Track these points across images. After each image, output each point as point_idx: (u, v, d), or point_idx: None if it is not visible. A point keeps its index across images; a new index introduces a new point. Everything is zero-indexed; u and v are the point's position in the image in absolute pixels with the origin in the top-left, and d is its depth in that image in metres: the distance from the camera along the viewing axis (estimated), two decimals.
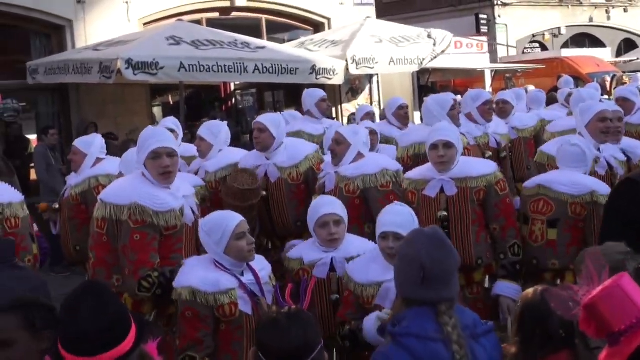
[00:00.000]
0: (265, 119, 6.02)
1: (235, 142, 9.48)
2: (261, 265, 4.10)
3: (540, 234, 5.04)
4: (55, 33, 12.84)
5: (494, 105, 7.55)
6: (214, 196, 5.98)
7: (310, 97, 8.11)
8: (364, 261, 4.23)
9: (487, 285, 5.04)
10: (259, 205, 5.84)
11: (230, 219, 3.96)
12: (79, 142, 6.31)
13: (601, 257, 2.57)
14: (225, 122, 6.79)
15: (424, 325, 2.76)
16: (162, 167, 4.40)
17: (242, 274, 3.96)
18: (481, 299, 4.98)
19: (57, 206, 6.39)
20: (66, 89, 12.59)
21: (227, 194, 5.70)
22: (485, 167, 5.11)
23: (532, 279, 4.99)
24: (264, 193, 5.88)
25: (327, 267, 4.43)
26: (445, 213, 4.96)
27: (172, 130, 5.95)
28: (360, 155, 5.45)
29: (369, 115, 9.00)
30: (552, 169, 5.52)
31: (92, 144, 6.25)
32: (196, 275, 3.88)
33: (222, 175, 6.10)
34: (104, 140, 6.45)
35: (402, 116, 8.13)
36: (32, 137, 13.14)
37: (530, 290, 3.03)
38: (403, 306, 2.87)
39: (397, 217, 4.09)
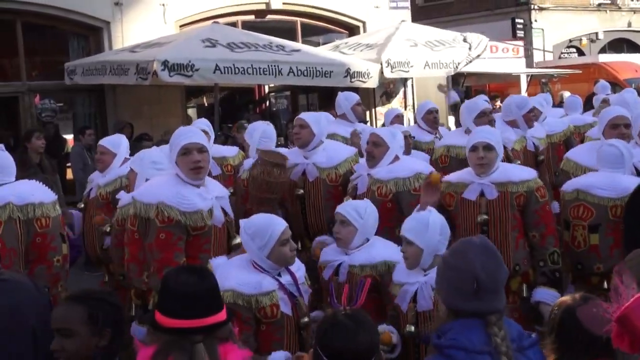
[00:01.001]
0: (307, 115, 6.04)
1: None
2: (296, 265, 4.11)
3: (583, 239, 5.01)
4: (93, 34, 12.98)
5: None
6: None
7: (347, 100, 8.08)
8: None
9: (525, 294, 4.96)
10: (295, 204, 5.87)
11: (276, 225, 3.96)
12: (107, 142, 6.33)
13: (628, 270, 2.53)
14: (267, 122, 6.86)
15: (471, 337, 2.71)
16: (192, 162, 4.42)
17: (280, 275, 3.99)
18: (518, 308, 4.90)
19: (82, 205, 6.42)
20: (103, 90, 12.72)
21: (252, 185, 5.71)
22: (525, 173, 5.06)
23: (580, 282, 5.01)
24: (300, 191, 5.89)
25: (332, 270, 4.53)
26: (486, 216, 4.91)
27: (204, 132, 5.99)
28: (395, 158, 5.44)
29: (398, 118, 8.97)
30: (574, 177, 5.52)
31: (120, 143, 6.29)
32: (237, 277, 3.90)
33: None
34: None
35: (431, 120, 8.08)
36: (69, 137, 13.31)
37: (569, 297, 2.99)
38: (449, 317, 2.82)
39: (412, 222, 4.10)
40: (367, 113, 14.62)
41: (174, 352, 2.65)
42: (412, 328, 3.99)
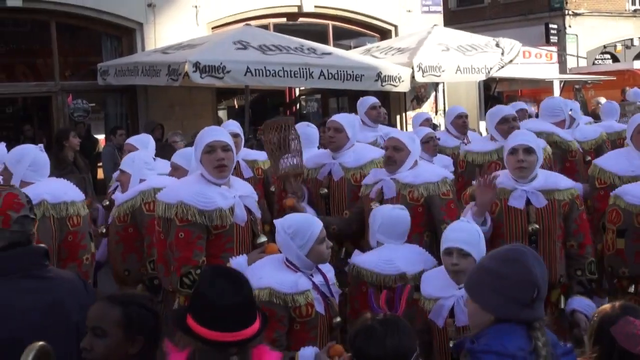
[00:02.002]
0: (342, 118, 5.99)
1: None
2: (327, 267, 4.15)
3: (611, 242, 4.98)
4: (125, 35, 13.08)
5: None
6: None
7: (361, 105, 8.10)
8: (433, 274, 4.21)
9: (562, 305, 4.85)
10: (319, 204, 5.87)
11: (315, 224, 4.00)
12: (136, 141, 6.39)
13: None
14: (307, 123, 6.99)
15: (504, 342, 2.67)
16: (216, 159, 4.42)
17: (313, 276, 4.01)
18: (556, 319, 4.77)
19: (106, 202, 6.46)
20: (134, 91, 12.81)
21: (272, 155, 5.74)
22: (566, 181, 4.96)
23: (611, 286, 5.03)
24: (325, 191, 5.89)
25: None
26: (537, 226, 4.78)
27: (235, 135, 6.00)
28: (415, 163, 5.38)
29: (427, 122, 8.93)
30: (600, 182, 5.56)
31: (148, 142, 6.35)
32: (273, 276, 3.91)
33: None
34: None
35: (460, 125, 8.01)
36: (100, 137, 13.42)
37: (608, 305, 2.94)
38: (492, 324, 2.76)
39: (462, 233, 4.00)
40: (398, 117, 14.60)
41: None
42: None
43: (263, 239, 4.63)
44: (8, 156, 5.01)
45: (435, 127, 11.00)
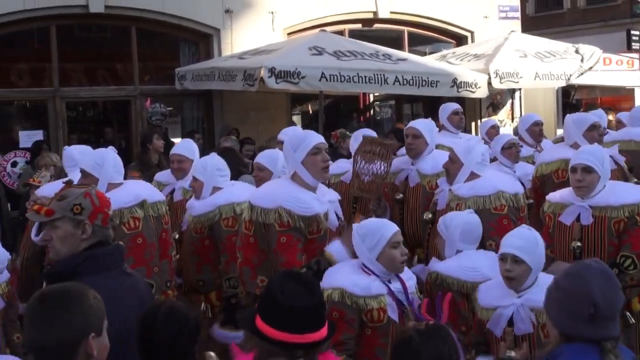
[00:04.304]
0: (421, 125, 5.97)
1: None
2: (408, 274, 4.11)
3: None
4: (203, 41, 13.27)
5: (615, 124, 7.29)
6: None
7: (443, 110, 8.06)
8: (492, 283, 4.15)
9: (631, 321, 4.75)
10: (394, 208, 5.85)
11: (388, 227, 3.98)
12: (182, 150, 6.37)
13: None
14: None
15: None
16: (323, 161, 4.51)
17: (390, 282, 3.96)
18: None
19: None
20: (210, 95, 12.98)
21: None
22: (630, 195, 4.78)
23: None
24: (400, 196, 5.87)
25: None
26: (580, 244, 4.70)
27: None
28: (474, 175, 5.25)
29: (494, 129, 8.81)
30: None
31: (195, 150, 6.38)
32: (347, 277, 3.90)
33: None
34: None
35: (536, 133, 7.86)
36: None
37: None
38: (560, 341, 2.73)
39: (519, 240, 3.95)
40: (473, 124, 14.42)
41: None
42: (513, 353, 3.82)
43: None
44: (86, 162, 5.07)
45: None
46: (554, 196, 5.01)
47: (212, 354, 3.25)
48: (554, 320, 2.78)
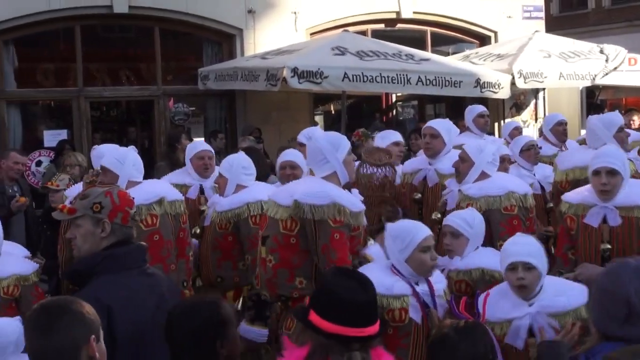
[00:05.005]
0: (438, 124, 5.97)
1: None
2: (438, 277, 4.09)
3: None
4: (226, 41, 13.31)
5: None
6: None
7: (469, 112, 8.04)
8: (493, 297, 4.05)
9: None
10: (412, 208, 5.84)
11: (419, 230, 3.97)
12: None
13: None
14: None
15: None
16: (355, 161, 4.68)
17: (417, 284, 3.96)
18: None
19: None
20: (233, 95, 13.02)
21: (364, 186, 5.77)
22: None
23: None
24: (418, 196, 5.87)
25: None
26: (609, 246, 4.61)
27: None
28: (484, 175, 5.24)
29: (517, 131, 8.77)
30: None
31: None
32: (373, 275, 3.88)
33: None
34: None
35: (560, 132, 7.81)
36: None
37: None
38: (599, 339, 2.70)
39: (525, 247, 3.90)
40: (496, 125, 14.35)
41: (331, 356, 2.70)
42: None
43: (371, 241, 4.70)
44: (106, 159, 5.12)
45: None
46: (573, 197, 4.89)
47: None
48: (593, 319, 2.77)
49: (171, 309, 3.03)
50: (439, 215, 5.36)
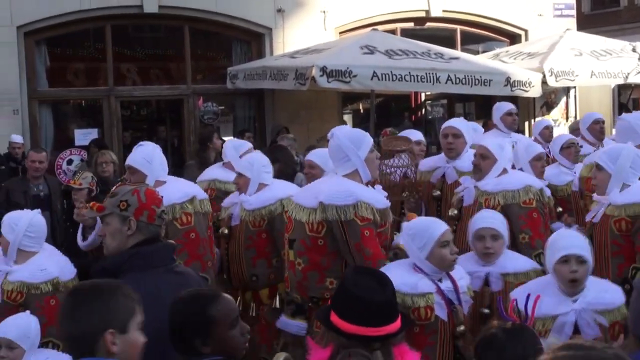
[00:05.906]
0: (460, 124, 5.96)
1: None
2: (460, 274, 4.07)
3: None
4: (255, 40, 13.35)
5: None
6: None
7: (497, 110, 8.00)
8: (532, 291, 4.00)
9: None
10: (431, 205, 5.84)
11: (436, 227, 3.97)
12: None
13: None
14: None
15: None
16: (377, 158, 4.66)
17: (441, 281, 3.94)
18: None
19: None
20: (262, 94, 13.05)
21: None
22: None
23: None
24: (437, 193, 5.86)
25: (480, 280, 4.42)
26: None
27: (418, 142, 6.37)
28: (503, 171, 5.25)
29: (548, 129, 8.68)
30: None
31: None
32: (395, 276, 3.87)
33: None
34: None
35: (597, 131, 7.77)
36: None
37: None
38: (636, 345, 2.67)
39: (577, 240, 3.84)
40: (526, 124, 14.24)
41: (353, 357, 2.69)
42: None
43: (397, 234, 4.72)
44: (134, 158, 5.10)
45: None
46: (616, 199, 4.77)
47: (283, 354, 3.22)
48: (631, 324, 2.75)
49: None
50: (456, 212, 5.34)
